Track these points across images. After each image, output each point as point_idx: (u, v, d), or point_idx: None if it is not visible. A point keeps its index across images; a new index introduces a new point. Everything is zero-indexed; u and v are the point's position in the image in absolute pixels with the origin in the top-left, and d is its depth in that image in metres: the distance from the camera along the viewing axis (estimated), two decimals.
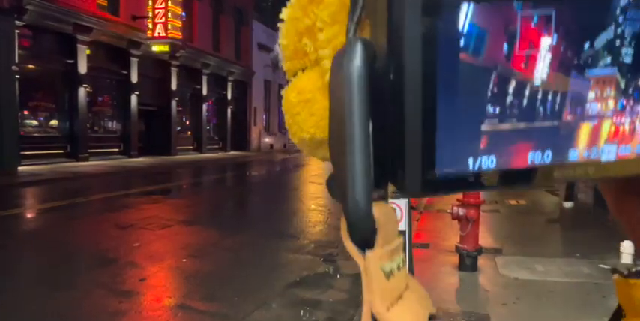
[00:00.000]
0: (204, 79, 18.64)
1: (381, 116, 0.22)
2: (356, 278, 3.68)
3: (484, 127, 0.22)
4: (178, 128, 17.66)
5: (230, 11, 19.90)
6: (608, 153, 0.24)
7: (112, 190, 8.38)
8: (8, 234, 5.19)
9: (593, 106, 0.24)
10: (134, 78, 14.44)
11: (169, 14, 14.61)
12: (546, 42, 0.22)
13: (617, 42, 0.23)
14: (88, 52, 12.45)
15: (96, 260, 4.21)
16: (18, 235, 5.26)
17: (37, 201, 7.67)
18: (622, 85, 0.24)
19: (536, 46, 0.22)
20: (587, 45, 0.23)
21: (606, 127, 0.24)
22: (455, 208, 3.77)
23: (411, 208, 2.90)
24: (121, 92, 14.40)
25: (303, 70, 0.30)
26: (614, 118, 0.24)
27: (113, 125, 14.65)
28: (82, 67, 12.22)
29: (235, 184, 11.50)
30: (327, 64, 0.27)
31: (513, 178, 0.24)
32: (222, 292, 3.39)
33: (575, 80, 0.23)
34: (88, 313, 3.07)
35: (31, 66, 11.17)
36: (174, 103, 16.76)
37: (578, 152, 0.24)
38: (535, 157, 0.24)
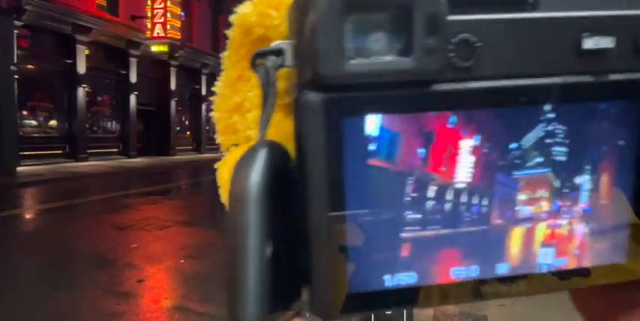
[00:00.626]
0: (204, 79, 18.63)
1: (290, 227, 0.20)
2: None
3: (404, 235, 0.20)
4: (177, 128, 17.65)
5: (229, 11, 19.54)
6: (545, 256, 0.22)
7: (111, 191, 8.38)
8: (7, 234, 5.19)
9: (524, 209, 0.22)
10: (133, 78, 14.43)
11: (168, 14, 14.60)
12: (467, 143, 0.21)
13: (549, 140, 0.21)
14: (87, 52, 12.44)
15: (94, 261, 4.21)
16: (17, 236, 5.25)
17: (36, 201, 7.66)
18: (556, 184, 0.22)
19: (455, 147, 0.21)
20: (513, 145, 0.21)
21: (541, 230, 0.22)
22: None
23: None
24: (119, 92, 14.38)
25: (236, 145, 0.29)
26: (550, 220, 0.22)
27: (112, 125, 14.63)
28: (81, 68, 12.20)
29: None
30: None
31: (437, 295, 0.21)
32: (221, 294, 3.38)
33: (501, 182, 0.21)
34: (86, 314, 3.06)
35: (29, 66, 11.15)
36: (173, 103, 16.75)
37: (510, 264, 0.22)
38: (459, 272, 0.21)
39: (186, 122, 18.76)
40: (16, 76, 10.07)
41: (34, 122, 11.82)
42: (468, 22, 0.20)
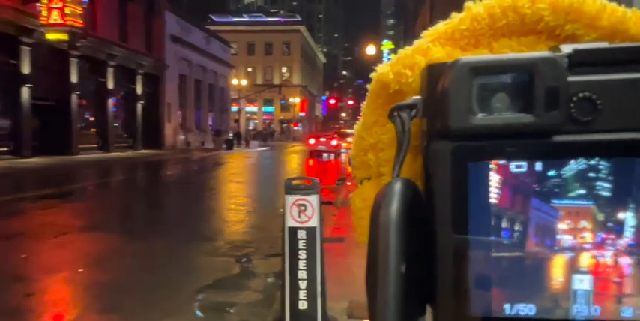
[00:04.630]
0: (110, 71, 17.25)
1: (420, 252, 0.24)
2: (271, 277, 3.61)
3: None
4: (81, 125, 16.17)
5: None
6: (580, 282, 0.24)
7: None
8: None
9: (566, 238, 0.24)
10: (25, 69, 12.90)
11: None
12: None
13: (591, 174, 0.23)
14: None
15: None
16: None
17: None
18: (599, 218, 0.23)
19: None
20: (551, 172, 0.23)
21: (584, 259, 0.24)
22: None
23: (323, 203, 2.89)
24: (9, 84, 12.77)
25: (368, 179, 0.34)
26: (594, 250, 0.24)
27: (1, 121, 12.95)
28: None
29: (147, 186, 10.81)
30: (386, 179, 0.31)
31: None
32: (125, 303, 3.12)
33: (538, 209, 0.23)
34: None
35: None
36: (74, 97, 15.28)
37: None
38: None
39: (91, 118, 17.24)
40: None
41: None
42: (589, 83, 0.23)
